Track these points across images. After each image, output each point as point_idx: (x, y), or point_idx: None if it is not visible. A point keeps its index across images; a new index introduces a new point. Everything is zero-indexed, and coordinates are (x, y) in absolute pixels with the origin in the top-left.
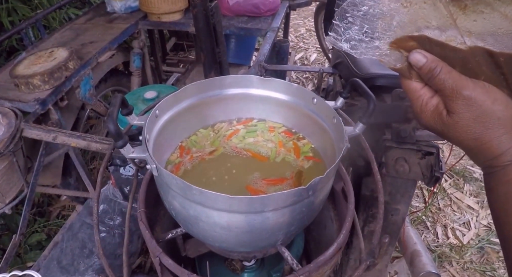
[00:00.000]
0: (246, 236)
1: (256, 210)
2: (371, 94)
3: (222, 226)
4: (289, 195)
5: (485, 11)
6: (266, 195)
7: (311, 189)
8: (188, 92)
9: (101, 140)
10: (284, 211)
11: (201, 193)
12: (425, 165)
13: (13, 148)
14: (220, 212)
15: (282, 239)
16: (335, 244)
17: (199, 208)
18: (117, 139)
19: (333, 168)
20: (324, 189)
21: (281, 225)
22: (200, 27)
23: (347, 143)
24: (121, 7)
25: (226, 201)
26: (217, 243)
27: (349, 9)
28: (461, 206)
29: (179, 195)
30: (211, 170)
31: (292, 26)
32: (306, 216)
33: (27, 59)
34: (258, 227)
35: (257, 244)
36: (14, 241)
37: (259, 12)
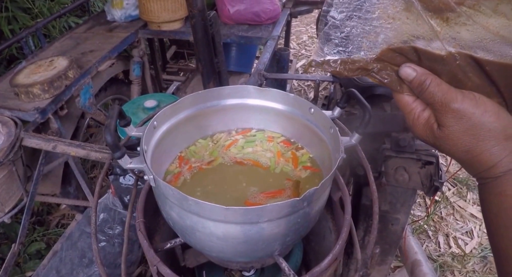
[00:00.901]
0: (242, 246)
1: (251, 221)
2: (367, 105)
3: (218, 236)
4: (284, 206)
5: (468, 23)
6: (260, 206)
7: (306, 200)
8: (186, 103)
9: (100, 150)
10: (280, 221)
11: (197, 203)
12: (424, 174)
13: (13, 157)
14: (216, 222)
15: (279, 249)
16: (331, 255)
17: (196, 218)
18: (115, 150)
19: (328, 179)
20: (320, 200)
21: (276, 235)
22: (198, 37)
23: (342, 154)
24: (121, 16)
25: (221, 212)
26: (214, 253)
27: (331, 32)
28: (464, 214)
29: (176, 206)
30: (209, 180)
31: (294, 33)
32: (302, 226)
33: (27, 68)
34: (254, 237)
35: (254, 254)
36: (13, 251)
37: (259, 21)
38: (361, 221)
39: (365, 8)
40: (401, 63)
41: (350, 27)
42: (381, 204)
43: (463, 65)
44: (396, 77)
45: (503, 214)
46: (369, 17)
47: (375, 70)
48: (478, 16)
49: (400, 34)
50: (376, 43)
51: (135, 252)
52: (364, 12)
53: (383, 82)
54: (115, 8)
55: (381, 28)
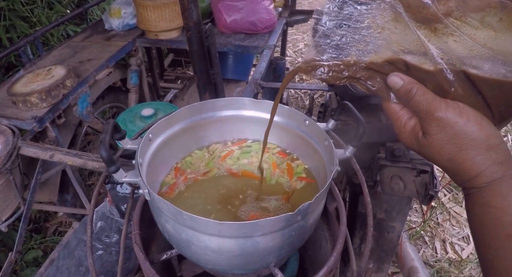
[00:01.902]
0: (237, 260)
1: (246, 235)
2: (361, 118)
3: (213, 250)
4: (278, 220)
5: (455, 34)
6: (254, 221)
7: (300, 214)
8: (181, 115)
9: (97, 159)
10: (274, 235)
11: (191, 218)
12: (419, 183)
13: (10, 166)
14: (210, 236)
15: (274, 261)
16: (326, 267)
17: (191, 232)
18: (110, 165)
19: (322, 192)
20: (315, 212)
21: (271, 248)
22: (194, 49)
23: (337, 166)
24: (119, 25)
25: (215, 227)
26: (210, 265)
27: (321, 40)
28: (460, 220)
29: (171, 219)
30: (204, 191)
31: (290, 41)
32: (297, 239)
33: (25, 77)
34: (249, 251)
35: (249, 266)
36: (10, 259)
37: (256, 30)
38: (357, 229)
39: (354, 17)
40: (389, 71)
41: (340, 36)
42: (377, 212)
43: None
44: (384, 85)
45: (489, 225)
46: (359, 26)
47: (363, 78)
48: (465, 28)
49: (389, 44)
50: (365, 52)
51: (133, 260)
52: (353, 21)
53: (371, 90)
54: (113, 17)
55: (370, 38)
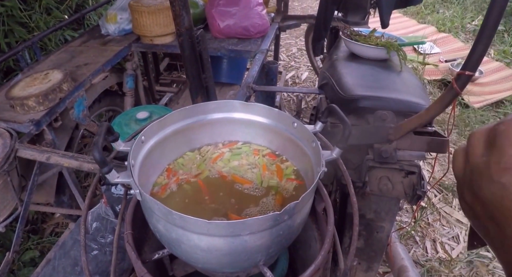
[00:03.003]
0: (226, 258)
1: (234, 234)
2: (347, 121)
3: (202, 249)
4: (265, 219)
5: None
6: (242, 220)
7: (287, 213)
8: (173, 118)
9: (92, 161)
10: (262, 234)
11: (181, 217)
12: (407, 184)
13: (8, 168)
14: (199, 235)
15: (263, 260)
16: (313, 265)
17: (181, 231)
18: (102, 166)
19: (308, 192)
20: (302, 212)
21: (260, 247)
22: (186, 54)
23: (323, 167)
24: (115, 30)
25: (204, 226)
26: (199, 264)
27: None
28: (450, 220)
29: (161, 219)
30: (195, 192)
31: (284, 45)
32: (285, 238)
33: (23, 81)
34: (237, 249)
35: (238, 265)
36: (8, 259)
37: (249, 34)
38: (347, 229)
39: None
40: None
41: None
42: (366, 212)
43: None
44: None
45: None
46: None
47: None
48: None
49: None
50: None
51: (127, 260)
52: None
53: None
54: (109, 23)
55: None
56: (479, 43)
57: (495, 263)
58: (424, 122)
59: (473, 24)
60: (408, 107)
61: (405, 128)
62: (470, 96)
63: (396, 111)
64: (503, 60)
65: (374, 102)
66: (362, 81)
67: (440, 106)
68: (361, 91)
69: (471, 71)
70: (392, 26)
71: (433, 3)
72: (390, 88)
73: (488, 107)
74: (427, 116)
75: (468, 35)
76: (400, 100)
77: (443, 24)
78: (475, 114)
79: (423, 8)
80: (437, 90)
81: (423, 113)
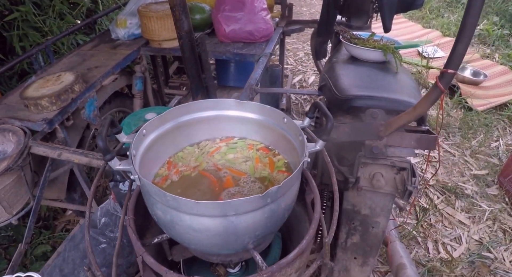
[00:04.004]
0: (216, 239)
1: (221, 214)
2: (329, 115)
3: (194, 229)
4: (248, 201)
5: None
6: (227, 201)
7: (269, 197)
8: (172, 115)
9: (101, 157)
10: (247, 216)
11: (174, 199)
12: (399, 180)
13: (22, 163)
14: (191, 216)
15: (252, 242)
16: (297, 249)
17: (174, 213)
18: (105, 153)
19: (289, 179)
20: (286, 198)
21: (246, 229)
22: (186, 56)
23: (306, 157)
24: (125, 34)
25: (194, 206)
26: (193, 245)
27: None
28: (452, 221)
29: (158, 202)
30: (193, 181)
31: (291, 50)
32: (271, 222)
33: (36, 82)
34: (226, 230)
35: (228, 246)
36: (20, 250)
37: (253, 39)
38: (343, 224)
39: None
40: None
41: None
42: (361, 208)
43: None
44: None
45: None
46: None
47: None
48: None
49: None
50: None
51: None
52: None
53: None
54: (119, 27)
55: None
56: (459, 42)
57: (497, 263)
58: (412, 119)
59: (478, 28)
60: (399, 105)
61: (394, 124)
62: (474, 99)
63: (388, 109)
64: (507, 64)
65: (366, 101)
66: (357, 82)
67: (426, 104)
68: (355, 91)
69: (453, 69)
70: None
71: (438, 8)
72: (383, 88)
73: (491, 110)
74: (415, 113)
75: (473, 39)
76: (392, 99)
77: (448, 28)
78: (479, 117)
79: (428, 12)
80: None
81: (411, 110)
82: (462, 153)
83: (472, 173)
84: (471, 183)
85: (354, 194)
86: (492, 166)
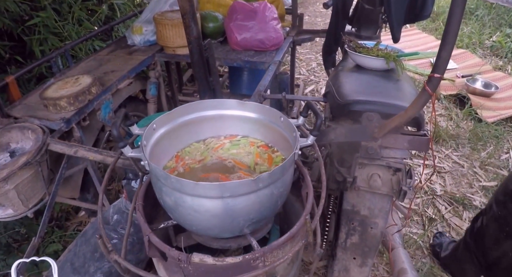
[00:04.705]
0: (214, 220)
1: (217, 196)
2: (319, 113)
3: (195, 210)
4: (241, 184)
5: None
6: (222, 182)
7: (260, 181)
8: (180, 112)
9: (115, 155)
10: (241, 199)
11: (177, 180)
12: (396, 181)
13: (39, 159)
14: (192, 197)
15: (247, 226)
16: (288, 233)
17: (178, 194)
18: (119, 141)
19: (279, 167)
20: (278, 186)
21: (241, 211)
22: (194, 60)
23: (297, 150)
24: (141, 41)
25: (194, 187)
26: (194, 227)
27: None
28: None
29: (164, 185)
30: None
31: (304, 60)
32: (263, 207)
33: (56, 84)
34: (222, 212)
35: (226, 228)
36: (34, 243)
37: (264, 47)
38: (342, 225)
39: None
40: None
41: None
42: (360, 209)
43: None
44: None
45: None
46: None
47: None
48: None
49: None
50: None
51: (144, 251)
52: None
53: None
54: (135, 34)
55: None
56: (443, 49)
57: None
58: (403, 121)
59: (491, 40)
60: (394, 109)
61: (387, 126)
62: (484, 111)
63: (384, 113)
64: None
65: (364, 105)
66: (358, 88)
67: (416, 107)
68: (354, 96)
69: (439, 73)
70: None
71: None
72: (381, 93)
73: (502, 122)
74: (406, 116)
75: (485, 51)
76: (387, 103)
77: (461, 40)
78: (489, 129)
79: (442, 24)
80: (453, 105)
81: (403, 113)
82: (471, 165)
83: (481, 184)
84: (479, 194)
85: (353, 195)
86: (501, 178)
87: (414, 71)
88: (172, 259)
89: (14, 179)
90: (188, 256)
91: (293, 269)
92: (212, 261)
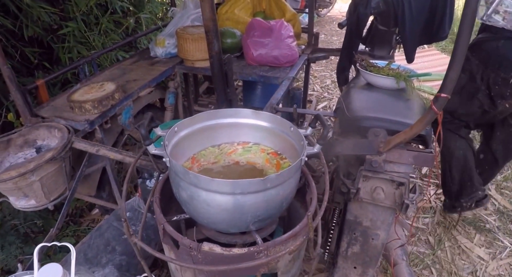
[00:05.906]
0: (224, 214)
1: (230, 192)
2: (326, 124)
3: (208, 204)
4: (251, 182)
5: None
6: (235, 180)
7: (268, 182)
8: (201, 117)
9: (133, 156)
10: (250, 196)
11: (195, 176)
12: (399, 194)
13: (64, 155)
14: (207, 192)
15: (253, 222)
16: (291, 231)
17: (194, 189)
18: (145, 139)
19: (286, 170)
20: (284, 187)
21: (249, 208)
22: (215, 72)
23: (303, 157)
24: (162, 53)
25: (209, 182)
26: (205, 220)
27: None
28: (470, 255)
29: (182, 180)
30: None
31: (319, 77)
32: (269, 206)
33: (82, 89)
34: (232, 207)
35: (234, 222)
36: (51, 234)
37: (279, 63)
38: (345, 234)
39: None
40: None
41: None
42: (363, 220)
43: None
44: None
45: None
46: None
47: None
48: None
49: None
50: None
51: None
52: None
53: None
54: (158, 46)
55: None
56: (451, 69)
57: None
58: (408, 137)
59: None
60: (400, 126)
61: (393, 142)
62: None
63: (391, 130)
64: None
65: (372, 121)
66: (367, 105)
67: (421, 125)
68: (362, 112)
69: (446, 93)
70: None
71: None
72: (389, 111)
73: None
74: (411, 132)
75: None
76: (395, 120)
77: None
78: None
79: None
80: None
81: (408, 130)
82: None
83: (496, 207)
84: (493, 217)
85: (357, 206)
86: None
87: (430, 92)
88: (183, 247)
89: (39, 172)
90: (199, 245)
91: (294, 267)
92: (220, 250)
